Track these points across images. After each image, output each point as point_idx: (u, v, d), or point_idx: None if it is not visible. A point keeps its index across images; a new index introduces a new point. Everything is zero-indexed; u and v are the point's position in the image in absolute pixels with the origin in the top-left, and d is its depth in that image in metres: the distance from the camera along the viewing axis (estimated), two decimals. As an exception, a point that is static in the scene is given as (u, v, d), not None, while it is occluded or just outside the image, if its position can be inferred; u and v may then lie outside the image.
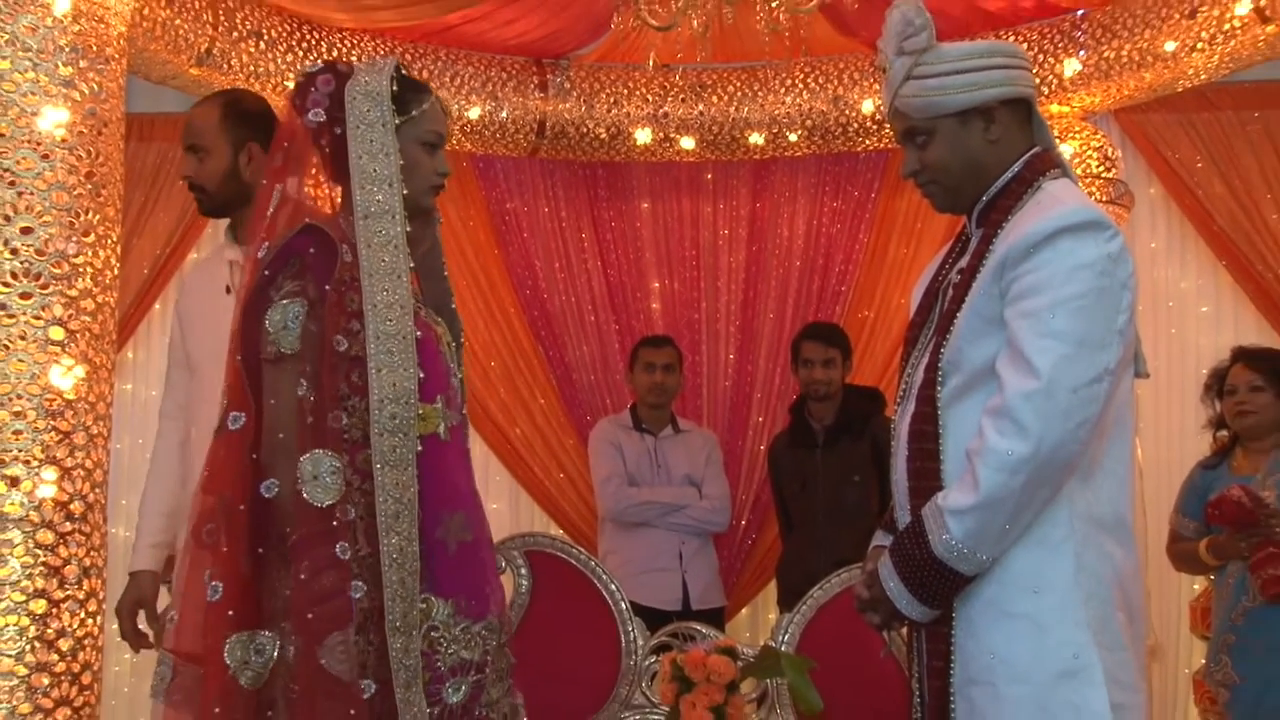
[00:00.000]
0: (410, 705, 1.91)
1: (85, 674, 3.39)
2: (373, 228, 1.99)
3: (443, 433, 2.04)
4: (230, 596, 1.90)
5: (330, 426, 1.93)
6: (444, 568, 2.00)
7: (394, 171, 2.02)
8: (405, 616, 1.92)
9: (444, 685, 1.97)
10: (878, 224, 5.45)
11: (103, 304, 3.51)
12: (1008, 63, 2.11)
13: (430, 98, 2.13)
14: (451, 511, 2.03)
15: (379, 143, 2.02)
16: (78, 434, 3.39)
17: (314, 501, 1.90)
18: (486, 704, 2.02)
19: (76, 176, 3.43)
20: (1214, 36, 4.28)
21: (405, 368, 1.96)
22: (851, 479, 4.35)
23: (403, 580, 1.92)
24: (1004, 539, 1.95)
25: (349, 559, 1.90)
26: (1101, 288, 1.95)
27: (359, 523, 1.92)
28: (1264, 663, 3.56)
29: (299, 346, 1.95)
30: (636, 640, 3.67)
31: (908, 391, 2.16)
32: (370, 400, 1.93)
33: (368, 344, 1.94)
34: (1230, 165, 5.13)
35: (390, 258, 1.99)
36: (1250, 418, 3.76)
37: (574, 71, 5.07)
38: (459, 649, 1.99)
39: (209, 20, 4.21)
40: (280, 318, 1.96)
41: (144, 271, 5.28)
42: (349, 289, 1.97)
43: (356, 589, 1.90)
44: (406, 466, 1.94)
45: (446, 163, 2.17)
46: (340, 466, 1.91)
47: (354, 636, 1.89)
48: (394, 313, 1.97)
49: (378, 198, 2.00)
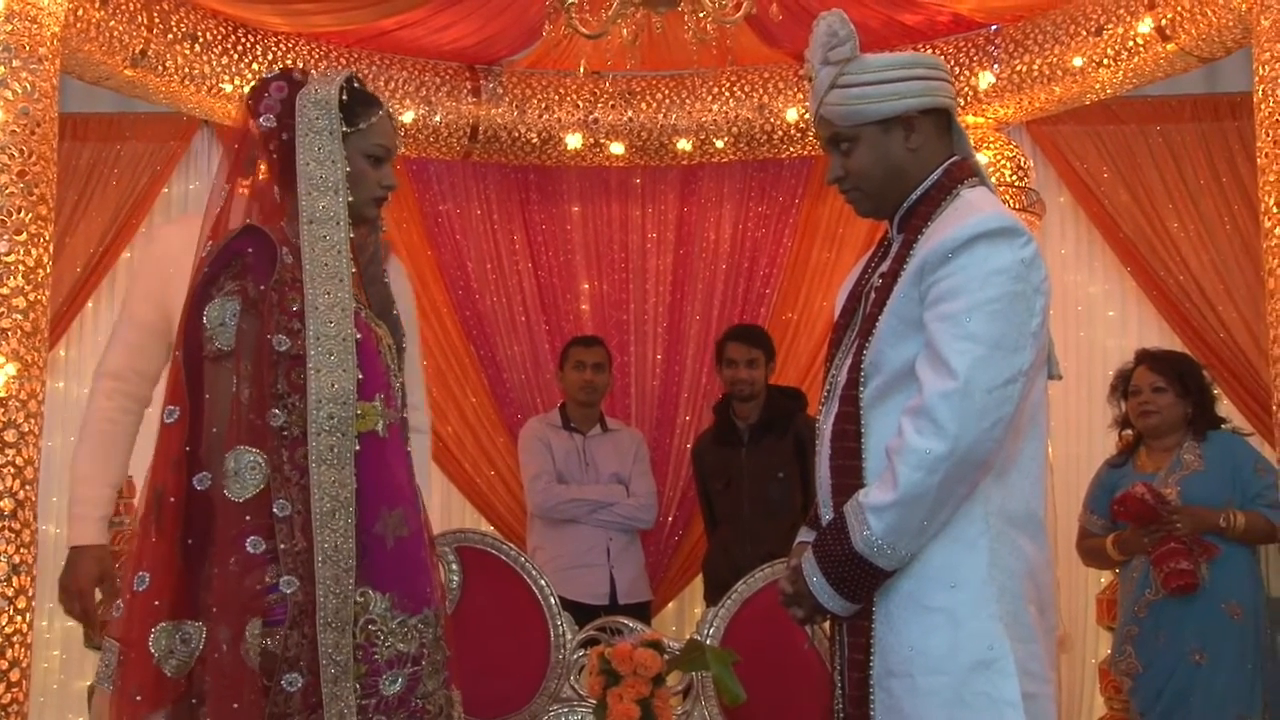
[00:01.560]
0: (337, 699, 1.93)
1: (14, 671, 3.38)
2: (316, 233, 2.03)
3: (381, 430, 2.07)
4: (157, 586, 1.93)
5: (264, 424, 1.96)
6: (382, 562, 2.02)
7: (340, 179, 2.05)
8: (337, 613, 1.94)
9: (380, 677, 1.99)
10: (801, 229, 5.53)
11: (35, 302, 3.50)
12: (928, 74, 2.15)
13: (379, 112, 2.16)
14: (390, 508, 2.06)
15: (325, 150, 2.05)
16: (8, 431, 3.39)
17: (231, 496, 1.93)
18: (422, 695, 2.05)
19: (8, 175, 3.43)
20: (1119, 53, 4.42)
21: (344, 368, 1.99)
22: (775, 475, 4.41)
23: (336, 577, 1.94)
24: (922, 535, 1.99)
25: (262, 553, 1.93)
26: (1016, 292, 1.99)
27: (295, 518, 1.94)
28: (1165, 652, 3.66)
29: (234, 344, 1.97)
30: (565, 634, 3.69)
31: (831, 392, 2.18)
32: (308, 400, 1.96)
33: (308, 345, 1.97)
34: (1134, 176, 5.27)
35: (333, 262, 2.02)
36: (1153, 417, 3.84)
37: (506, 77, 5.10)
38: (395, 642, 2.01)
39: (144, 22, 4.18)
40: (218, 315, 1.99)
41: (76, 270, 5.23)
42: (290, 289, 2.00)
43: (289, 584, 1.92)
44: (344, 465, 1.97)
45: (393, 176, 2.21)
46: (261, 462, 1.94)
47: (286, 630, 1.92)
48: (335, 314, 2.00)
49: (322, 204, 2.04)
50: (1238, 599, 3.66)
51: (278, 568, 1.94)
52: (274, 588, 1.94)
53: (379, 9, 4.54)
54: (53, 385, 5.00)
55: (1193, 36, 4.19)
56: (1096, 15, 4.46)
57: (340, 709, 1.93)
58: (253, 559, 1.93)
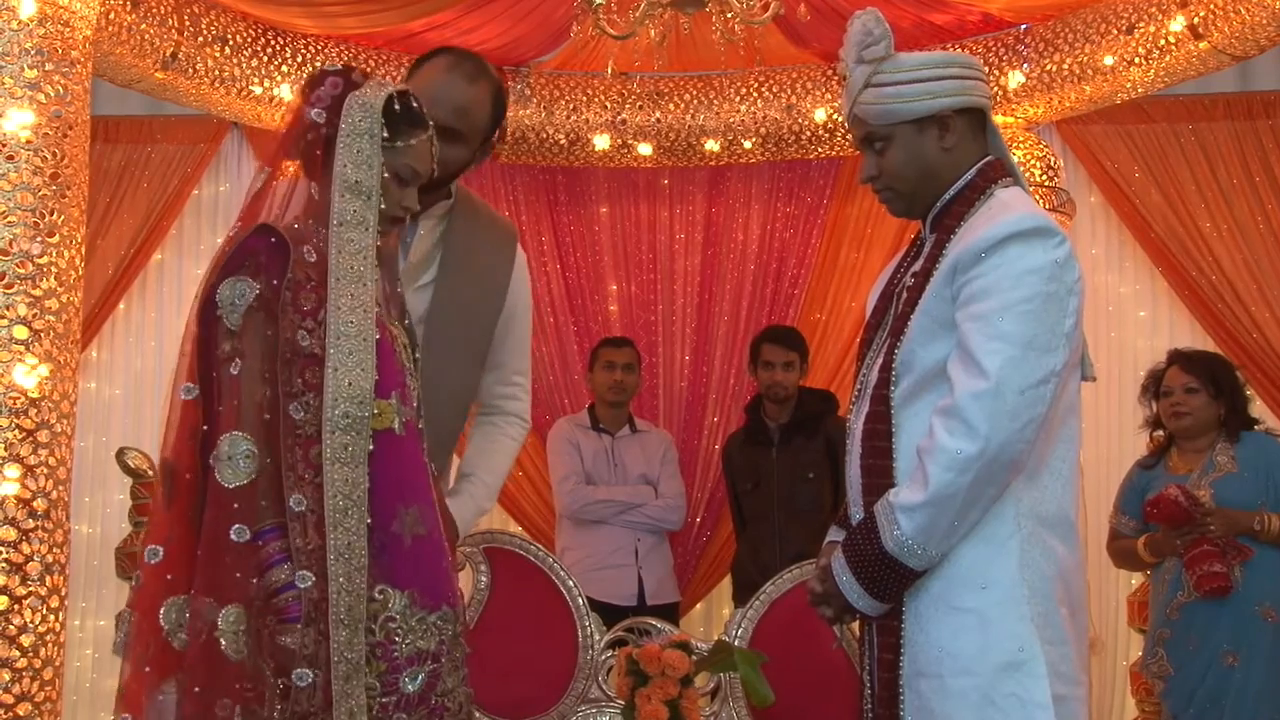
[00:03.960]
0: (348, 696, 1.93)
1: (47, 670, 3.41)
2: (344, 235, 2.03)
3: (397, 428, 2.06)
4: (170, 561, 1.94)
5: (275, 420, 1.96)
6: (400, 560, 2.03)
7: (375, 184, 2.05)
8: (350, 610, 1.94)
9: (401, 674, 1.99)
10: (829, 229, 5.52)
11: (67, 303, 3.53)
12: (963, 73, 2.14)
13: (423, 135, 2.15)
14: (407, 506, 2.06)
15: (364, 153, 2.05)
16: (41, 432, 3.41)
17: (222, 481, 1.92)
18: (442, 693, 2.04)
19: (41, 178, 3.45)
20: (1150, 52, 4.40)
21: (363, 368, 1.99)
22: (805, 477, 4.41)
23: (349, 575, 1.95)
24: (952, 535, 1.98)
25: (247, 541, 1.92)
26: (1049, 292, 1.98)
27: (309, 515, 1.95)
28: (1197, 655, 3.64)
29: (240, 325, 1.98)
30: (593, 635, 3.68)
31: (862, 392, 2.17)
32: (324, 398, 1.97)
33: (327, 344, 1.98)
34: (1166, 175, 5.24)
35: (358, 265, 2.03)
36: (1185, 419, 3.81)
37: (534, 78, 5.12)
38: (415, 639, 2.01)
39: (174, 25, 4.22)
40: (229, 294, 1.99)
41: (109, 272, 5.28)
42: (308, 289, 2.00)
43: (304, 579, 1.93)
44: (358, 464, 1.98)
45: (416, 200, 2.19)
46: (255, 452, 1.94)
47: (302, 627, 1.93)
48: (356, 315, 2.00)
49: (354, 207, 2.04)
50: (1271, 601, 3.62)
51: (291, 565, 1.94)
52: (290, 584, 1.94)
53: (407, 11, 4.57)
54: (85, 386, 5.05)
55: (1225, 34, 4.16)
56: (1128, 13, 4.43)
57: (350, 707, 1.93)
58: (235, 546, 1.92)
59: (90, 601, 5.32)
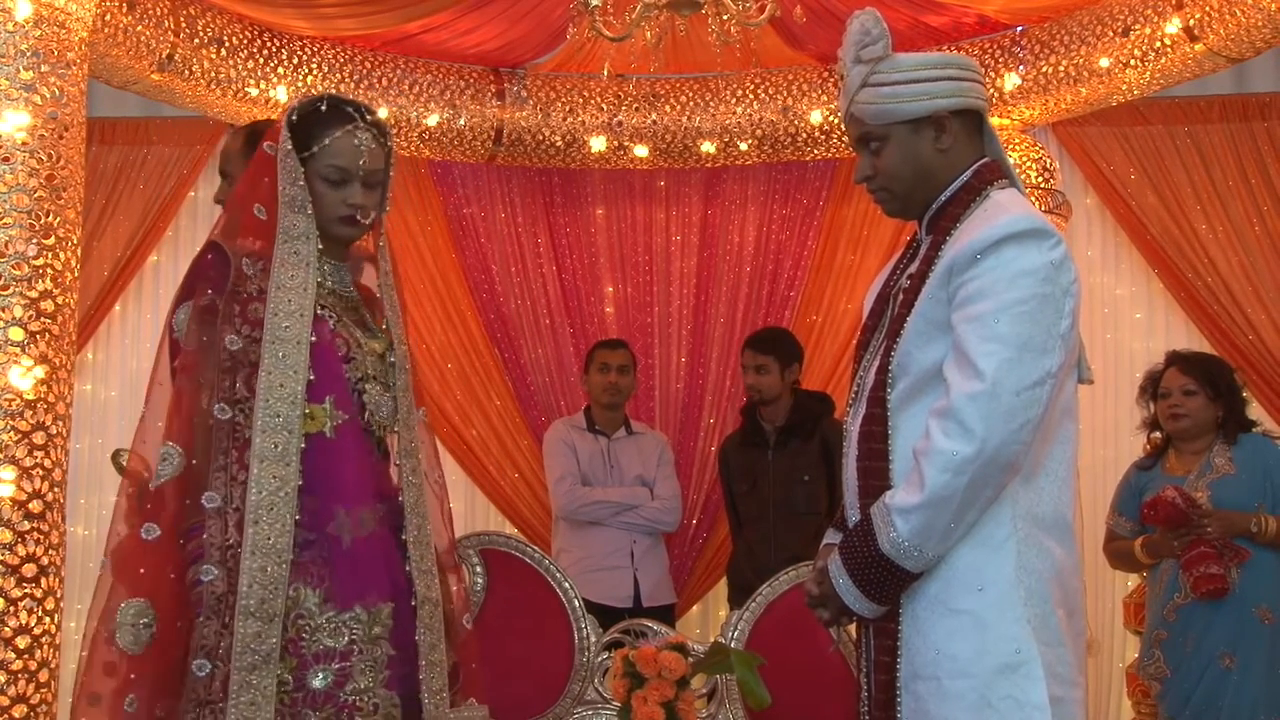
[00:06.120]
0: (249, 688, 2.00)
1: (42, 671, 3.41)
2: (287, 247, 2.17)
3: (329, 431, 2.15)
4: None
5: (202, 422, 2.09)
6: (325, 560, 2.11)
7: (305, 196, 2.19)
8: (263, 603, 2.02)
9: (308, 671, 2.06)
10: (825, 231, 5.52)
11: (63, 305, 3.52)
12: (960, 74, 2.14)
13: (334, 133, 2.22)
14: (345, 507, 2.14)
15: (290, 169, 2.19)
16: (37, 434, 3.41)
17: (150, 484, 2.08)
18: (353, 692, 2.08)
19: (37, 179, 3.45)
20: (1146, 54, 4.40)
21: (295, 369, 2.10)
22: (801, 478, 4.40)
23: (264, 568, 2.03)
24: (949, 537, 1.98)
25: (154, 540, 2.04)
26: (1044, 294, 1.97)
27: (231, 513, 2.05)
28: (1194, 656, 3.63)
29: (184, 337, 2.12)
30: (589, 637, 3.70)
31: (859, 394, 2.17)
32: (256, 399, 2.07)
33: (263, 348, 2.09)
34: (1162, 177, 5.25)
35: (300, 274, 2.16)
36: (1183, 420, 3.80)
37: (530, 80, 5.12)
38: (323, 637, 2.07)
39: (170, 27, 4.22)
40: (183, 318, 2.15)
41: (104, 274, 5.28)
42: (249, 299, 2.13)
43: (207, 573, 2.03)
44: (288, 463, 2.07)
45: (359, 194, 2.24)
46: (172, 454, 2.06)
47: (203, 620, 2.02)
48: (292, 320, 2.12)
49: (293, 220, 2.18)
50: (1268, 603, 3.62)
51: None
52: (199, 580, 2.04)
53: (403, 13, 4.57)
54: (80, 388, 5.04)
55: (1221, 37, 4.17)
56: (1123, 16, 4.44)
57: (252, 697, 2.00)
58: (143, 545, 2.06)
59: (86, 603, 5.22)
